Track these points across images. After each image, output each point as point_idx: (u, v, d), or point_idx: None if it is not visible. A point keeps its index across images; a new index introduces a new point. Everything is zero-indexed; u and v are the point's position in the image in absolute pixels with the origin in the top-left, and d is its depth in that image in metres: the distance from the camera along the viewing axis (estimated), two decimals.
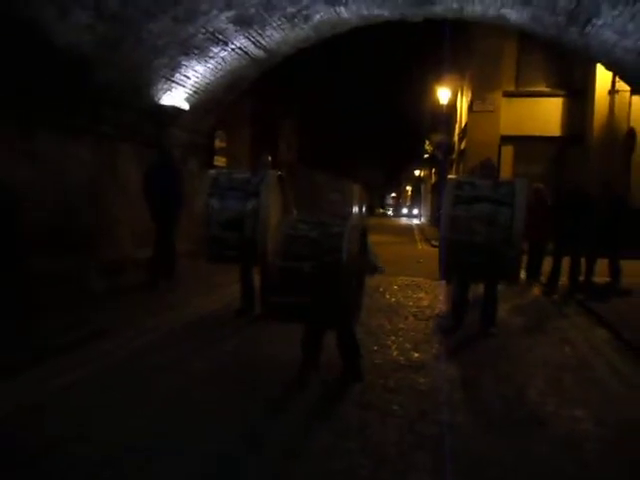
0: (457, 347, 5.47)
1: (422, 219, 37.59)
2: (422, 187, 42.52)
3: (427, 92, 24.93)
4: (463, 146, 19.19)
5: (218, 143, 11.97)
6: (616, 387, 4.50)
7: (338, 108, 26.30)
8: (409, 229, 29.96)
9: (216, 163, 11.55)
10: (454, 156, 22.84)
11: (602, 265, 8.32)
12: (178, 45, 7.35)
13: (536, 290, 8.74)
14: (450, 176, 12.43)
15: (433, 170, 33.05)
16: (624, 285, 8.25)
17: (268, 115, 15.78)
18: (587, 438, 3.53)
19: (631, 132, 13.81)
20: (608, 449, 3.40)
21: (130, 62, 7.04)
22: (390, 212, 69.62)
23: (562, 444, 3.44)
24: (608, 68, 9.15)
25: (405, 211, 64.83)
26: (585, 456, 3.31)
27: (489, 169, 5.82)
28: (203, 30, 7.26)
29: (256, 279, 6.14)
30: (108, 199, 7.65)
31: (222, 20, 7.20)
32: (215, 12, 6.97)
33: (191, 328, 5.87)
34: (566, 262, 8.27)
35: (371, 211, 50.97)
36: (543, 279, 8.83)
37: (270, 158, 6.55)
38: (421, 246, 17.49)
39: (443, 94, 20.93)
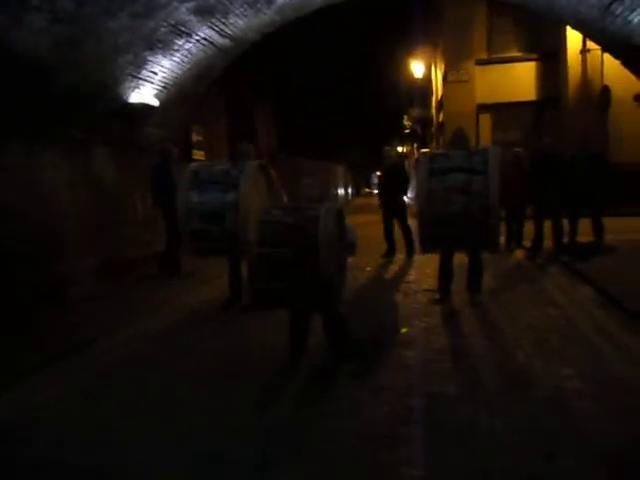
0: (445, 319, 5.52)
1: (409, 195, 37.57)
2: (406, 163, 42.47)
3: (402, 66, 24.82)
4: (441, 118, 19.17)
5: (195, 137, 11.86)
6: (602, 344, 4.55)
7: (314, 90, 26.08)
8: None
9: (195, 157, 11.45)
10: (433, 129, 22.82)
11: (586, 224, 8.39)
12: (141, 41, 7.23)
13: (519, 255, 8.81)
14: (423, 150, 12.53)
15: (415, 145, 33.00)
16: (608, 242, 8.33)
17: (243, 104, 15.61)
18: (575, 396, 3.58)
19: (605, 89, 13.85)
20: (597, 405, 3.45)
21: (93, 62, 6.91)
22: (376, 191, 69.55)
23: (551, 404, 3.50)
24: (575, 28, 9.14)
25: None
26: (575, 413, 3.36)
27: (461, 139, 5.82)
28: (165, 23, 7.14)
29: (245, 270, 6.16)
30: (87, 204, 7.58)
31: (183, 12, 7.08)
32: (175, 4, 6.85)
33: (181, 324, 5.88)
34: (548, 225, 8.34)
35: (357, 191, 50.91)
36: (527, 244, 8.91)
37: (251, 145, 6.57)
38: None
39: (417, 67, 20.87)
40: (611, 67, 12.90)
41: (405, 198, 9.68)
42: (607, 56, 13.30)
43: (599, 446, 2.98)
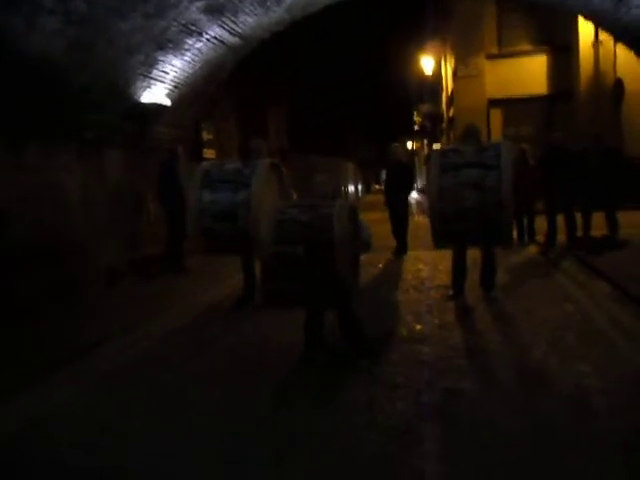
0: (459, 315, 5.50)
1: (417, 192, 37.44)
2: (416, 159, 42.36)
3: (411, 62, 24.76)
4: (451, 114, 19.06)
5: (205, 135, 11.89)
6: (618, 339, 4.52)
7: (325, 88, 26.09)
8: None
9: (205, 156, 11.49)
10: (444, 125, 22.71)
11: (599, 218, 8.32)
12: (152, 41, 7.26)
13: (533, 250, 8.76)
14: (435, 146, 12.55)
15: (425, 141, 32.89)
16: (622, 237, 8.25)
17: (254, 102, 15.64)
18: (593, 392, 3.55)
19: (618, 82, 13.69)
20: (614, 402, 3.42)
21: (106, 63, 6.96)
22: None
23: (568, 400, 3.47)
24: (588, 19, 9.06)
25: None
26: (592, 411, 3.33)
27: (473, 134, 5.79)
28: (175, 23, 7.17)
29: (258, 268, 6.18)
30: (99, 203, 7.65)
31: (193, 11, 7.10)
32: (185, 3, 6.88)
33: (194, 324, 5.90)
34: (562, 219, 8.29)
35: (367, 188, 50.81)
36: (540, 238, 8.86)
37: (263, 142, 6.63)
38: (417, 218, 17.46)
39: (427, 63, 20.78)
40: (624, 59, 12.74)
41: (414, 194, 9.66)
42: (620, 48, 13.19)
43: (616, 443, 2.96)
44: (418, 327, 5.16)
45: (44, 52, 5.96)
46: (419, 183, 37.83)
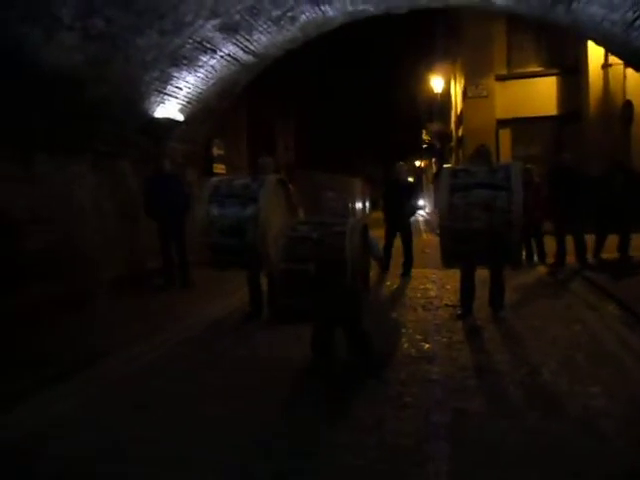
0: (468, 334, 5.48)
1: (426, 209, 37.49)
2: (423, 177, 42.45)
3: (421, 82, 24.94)
4: (460, 133, 19.14)
5: (216, 151, 11.98)
6: (628, 362, 4.49)
7: (334, 105, 26.29)
8: (412, 220, 29.82)
9: (215, 171, 11.58)
10: (452, 144, 22.79)
11: (611, 240, 8.30)
12: (167, 57, 7.40)
13: (542, 270, 8.73)
14: (445, 165, 12.59)
15: (433, 160, 32.97)
16: (635, 259, 8.22)
17: (264, 118, 15.79)
18: (602, 414, 3.53)
19: (628, 104, 13.73)
20: (623, 424, 3.40)
21: (121, 78, 7.09)
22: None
23: (577, 422, 3.44)
24: (598, 43, 9.12)
25: None
26: (601, 432, 3.31)
27: (484, 155, 5.83)
28: (190, 40, 7.30)
29: (264, 283, 6.19)
30: (109, 216, 7.72)
31: (208, 29, 7.24)
32: (201, 22, 7.02)
33: (201, 337, 5.89)
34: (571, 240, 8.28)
35: (374, 205, 50.86)
36: (550, 260, 8.84)
37: (271, 159, 6.69)
38: (426, 236, 17.47)
39: (436, 83, 20.93)
40: (633, 82, 12.81)
41: (422, 212, 9.63)
42: (629, 71, 13.22)
43: (625, 464, 2.94)
44: (427, 346, 5.14)
45: (61, 66, 6.07)
46: (426, 202, 37.91)
